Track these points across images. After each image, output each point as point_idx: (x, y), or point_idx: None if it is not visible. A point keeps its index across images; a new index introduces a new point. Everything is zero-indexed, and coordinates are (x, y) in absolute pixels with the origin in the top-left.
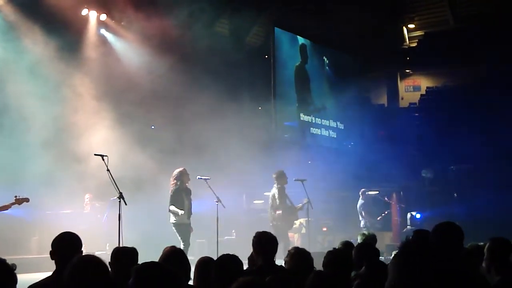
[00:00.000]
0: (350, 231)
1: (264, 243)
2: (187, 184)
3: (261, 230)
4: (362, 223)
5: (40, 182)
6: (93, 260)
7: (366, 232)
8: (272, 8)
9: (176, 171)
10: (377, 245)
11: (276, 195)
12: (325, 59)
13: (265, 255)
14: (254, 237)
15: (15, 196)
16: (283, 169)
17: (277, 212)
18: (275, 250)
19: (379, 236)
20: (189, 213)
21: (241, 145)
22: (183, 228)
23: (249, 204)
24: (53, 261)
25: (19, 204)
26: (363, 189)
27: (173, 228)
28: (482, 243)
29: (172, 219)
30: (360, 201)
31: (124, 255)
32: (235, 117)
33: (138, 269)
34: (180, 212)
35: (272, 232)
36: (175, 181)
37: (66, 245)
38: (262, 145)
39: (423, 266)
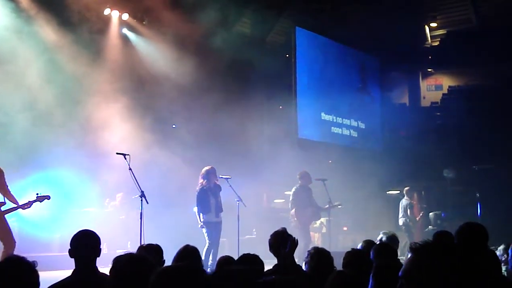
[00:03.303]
0: (371, 231)
1: (276, 242)
2: (216, 181)
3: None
4: (401, 221)
5: (66, 180)
6: (138, 258)
7: (388, 231)
8: (293, 8)
9: (204, 169)
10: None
11: (291, 195)
12: (348, 58)
13: (279, 255)
14: (270, 237)
15: (36, 194)
16: (304, 168)
17: (291, 211)
18: (289, 248)
19: (400, 235)
20: (217, 211)
21: (261, 144)
22: (211, 227)
23: (270, 203)
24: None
25: (40, 201)
26: (407, 188)
27: (201, 227)
28: (503, 245)
29: (200, 218)
30: (405, 200)
31: (149, 253)
32: (255, 116)
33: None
34: (201, 219)
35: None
36: (202, 180)
37: (83, 243)
38: (282, 144)
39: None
